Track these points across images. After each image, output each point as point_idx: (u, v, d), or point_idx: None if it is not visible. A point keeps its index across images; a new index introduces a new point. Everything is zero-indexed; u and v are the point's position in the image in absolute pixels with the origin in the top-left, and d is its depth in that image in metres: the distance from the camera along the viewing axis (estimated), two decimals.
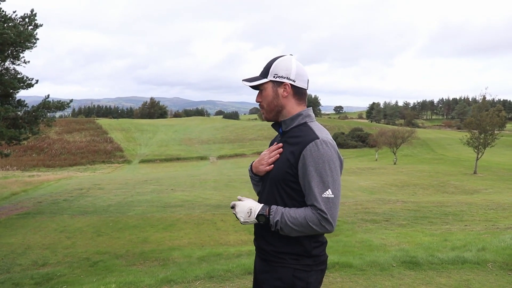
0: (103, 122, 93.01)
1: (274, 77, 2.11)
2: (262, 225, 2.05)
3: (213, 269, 5.12)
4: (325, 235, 2.13)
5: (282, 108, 2.14)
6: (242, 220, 2.05)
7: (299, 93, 2.13)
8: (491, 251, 5.89)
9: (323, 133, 2.04)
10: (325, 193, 1.92)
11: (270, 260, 2.08)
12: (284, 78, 2.10)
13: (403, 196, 21.74)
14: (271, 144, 2.34)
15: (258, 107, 2.24)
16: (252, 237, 2.26)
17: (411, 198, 20.37)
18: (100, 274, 8.09)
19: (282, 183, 2.04)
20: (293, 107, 2.13)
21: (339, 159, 2.05)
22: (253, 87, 2.17)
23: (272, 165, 2.12)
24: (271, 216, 1.98)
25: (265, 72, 2.14)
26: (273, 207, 2.00)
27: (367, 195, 21.61)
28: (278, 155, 2.11)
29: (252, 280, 2.30)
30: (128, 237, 11.97)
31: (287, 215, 1.95)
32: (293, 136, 2.10)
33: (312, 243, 2.05)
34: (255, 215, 2.01)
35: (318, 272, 2.08)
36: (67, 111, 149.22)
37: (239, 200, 2.13)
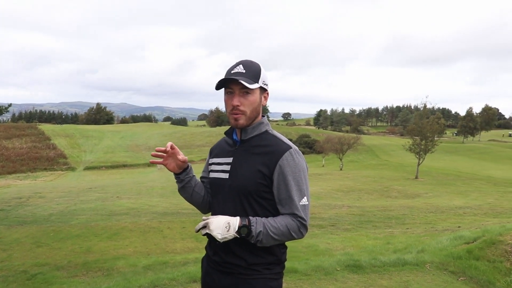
0: (45, 127, 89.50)
1: (263, 83, 2.06)
2: (230, 239, 1.92)
3: (158, 278, 5.02)
4: None
5: (258, 115, 2.10)
6: (220, 236, 1.88)
7: None
8: (429, 252, 6.13)
9: (290, 142, 2.06)
10: (302, 200, 1.96)
11: (240, 274, 2.00)
12: (266, 84, 2.09)
13: (348, 201, 22.24)
14: (211, 153, 2.28)
15: (229, 111, 2.03)
16: (200, 244, 2.21)
17: (356, 203, 20.87)
18: (39, 287, 7.74)
19: (254, 194, 1.98)
20: (260, 115, 2.13)
21: (307, 166, 2.08)
22: (227, 87, 2.03)
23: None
24: (253, 227, 1.89)
25: (255, 76, 2.02)
26: (252, 218, 1.94)
27: (314, 201, 21.94)
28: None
29: None
30: (70, 247, 11.53)
31: (268, 225, 1.91)
32: (258, 145, 2.05)
33: (281, 250, 2.06)
34: (236, 228, 1.89)
35: (283, 277, 2.10)
36: (6, 116, 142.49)
37: (205, 219, 1.96)
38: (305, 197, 1.96)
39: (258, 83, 2.01)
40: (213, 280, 2.10)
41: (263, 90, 2.08)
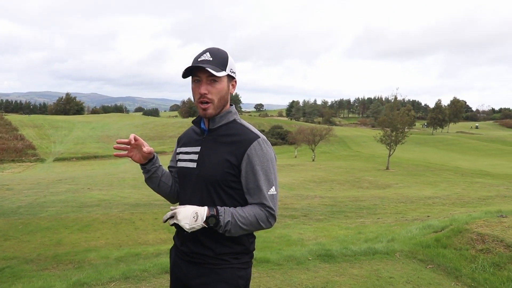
0: (12, 118, 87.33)
1: (230, 71, 2.01)
2: (197, 229, 1.89)
3: (130, 270, 4.98)
4: None
5: (226, 103, 2.06)
6: (188, 226, 1.85)
7: None
8: (399, 241, 6.26)
9: (258, 132, 2.04)
10: (270, 190, 1.95)
11: (208, 264, 1.99)
12: (234, 73, 2.04)
13: (321, 192, 22.47)
14: (179, 142, 2.26)
15: (197, 100, 2.00)
16: (172, 235, 2.18)
17: (328, 194, 21.12)
18: (7, 281, 7.56)
19: (221, 183, 1.96)
20: (228, 104, 2.09)
21: (275, 156, 2.06)
22: (194, 75, 1.99)
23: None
24: (221, 217, 1.87)
25: (222, 64, 1.97)
26: (220, 207, 1.91)
27: (287, 191, 22.09)
28: None
29: (172, 284, 2.18)
30: (39, 239, 11.32)
31: (236, 214, 1.89)
32: (226, 134, 2.03)
33: (249, 239, 2.06)
34: (204, 218, 1.86)
35: (252, 267, 2.10)
36: None
37: (173, 209, 1.93)
38: (273, 187, 1.96)
39: (225, 71, 1.97)
40: (181, 270, 2.09)
41: (230, 78, 2.04)
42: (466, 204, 15.90)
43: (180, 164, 2.16)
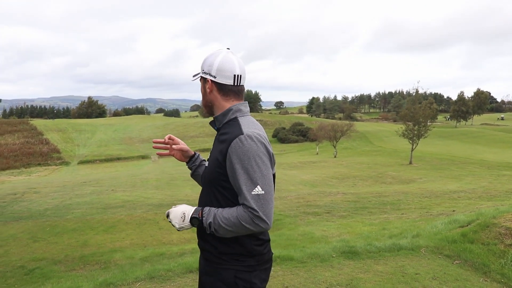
0: (37, 123, 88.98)
1: (202, 72, 2.08)
2: (203, 227, 1.96)
3: (154, 269, 5.02)
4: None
5: (212, 104, 2.11)
6: (177, 226, 1.97)
7: (223, 89, 2.06)
8: (424, 237, 6.17)
9: (250, 128, 1.96)
10: (254, 190, 1.84)
11: (213, 261, 2.02)
12: (207, 74, 2.05)
13: (343, 188, 22.33)
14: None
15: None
16: (195, 235, 2.21)
17: (351, 190, 20.96)
18: (36, 282, 7.74)
19: (214, 183, 1.99)
20: (220, 103, 2.08)
21: (268, 153, 1.95)
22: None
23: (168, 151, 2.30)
24: (203, 218, 1.93)
25: (201, 67, 2.10)
26: (206, 208, 1.95)
27: (309, 189, 22.01)
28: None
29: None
30: (66, 241, 11.53)
31: (219, 216, 1.89)
32: (223, 133, 2.04)
33: (252, 241, 1.99)
34: (189, 219, 1.95)
35: (262, 272, 2.03)
36: None
37: (174, 207, 2.05)
38: (258, 186, 1.84)
39: (199, 74, 2.11)
40: (200, 264, 2.17)
41: (204, 79, 2.09)
42: (493, 197, 15.58)
43: None
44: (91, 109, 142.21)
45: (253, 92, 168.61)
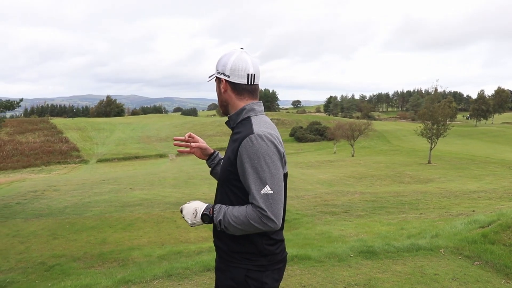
0: (57, 121, 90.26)
1: (217, 72, 2.11)
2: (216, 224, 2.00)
3: (172, 267, 5.06)
4: (285, 229, 2.08)
5: (227, 103, 2.13)
6: (189, 222, 2.02)
7: (237, 88, 2.08)
8: (443, 237, 6.09)
9: (262, 127, 1.97)
10: (263, 189, 1.84)
11: (225, 259, 2.05)
12: (221, 74, 2.08)
13: (361, 188, 22.18)
14: None
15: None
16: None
17: (369, 189, 20.80)
18: (56, 278, 7.85)
19: (227, 181, 2.02)
20: (235, 103, 2.10)
21: (278, 152, 1.94)
22: None
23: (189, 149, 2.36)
24: (214, 216, 1.96)
25: (216, 68, 2.13)
26: (217, 206, 1.98)
27: (326, 188, 21.92)
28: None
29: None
30: (85, 238, 11.69)
31: (229, 214, 1.90)
32: (236, 132, 2.07)
33: (264, 241, 1.99)
34: (200, 215, 1.99)
35: (274, 272, 2.03)
36: (18, 111, 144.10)
37: (187, 203, 2.11)
38: (267, 186, 1.85)
39: (214, 74, 2.15)
40: (216, 261, 2.20)
41: (219, 78, 2.13)
42: None
43: None
44: (109, 108, 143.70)
45: (271, 91, 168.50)
